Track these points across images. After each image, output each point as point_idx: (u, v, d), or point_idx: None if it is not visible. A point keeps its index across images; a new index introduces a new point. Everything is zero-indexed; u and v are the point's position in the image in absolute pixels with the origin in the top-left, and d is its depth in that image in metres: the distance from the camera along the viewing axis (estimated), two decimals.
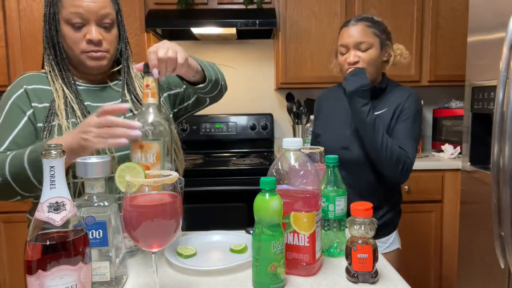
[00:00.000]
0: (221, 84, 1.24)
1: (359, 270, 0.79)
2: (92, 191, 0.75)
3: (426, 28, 2.55)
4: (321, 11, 2.54)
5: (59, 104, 1.05)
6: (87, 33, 1.05)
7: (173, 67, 0.96)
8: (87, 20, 1.04)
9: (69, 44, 1.07)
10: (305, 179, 0.82)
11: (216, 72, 1.21)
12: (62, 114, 1.04)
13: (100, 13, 1.05)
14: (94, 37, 1.04)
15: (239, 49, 2.93)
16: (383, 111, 1.43)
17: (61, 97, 1.06)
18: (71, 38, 1.06)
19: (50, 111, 1.05)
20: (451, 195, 2.35)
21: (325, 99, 1.60)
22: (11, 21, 2.39)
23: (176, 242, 0.98)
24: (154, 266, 0.70)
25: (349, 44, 1.42)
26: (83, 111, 1.07)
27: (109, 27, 1.08)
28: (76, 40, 1.05)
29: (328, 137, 1.49)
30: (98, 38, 1.05)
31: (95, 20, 1.05)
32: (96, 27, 1.06)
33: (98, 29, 1.06)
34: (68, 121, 1.04)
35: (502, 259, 1.57)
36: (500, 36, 1.59)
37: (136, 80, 1.19)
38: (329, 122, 1.52)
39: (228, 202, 2.22)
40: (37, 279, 0.58)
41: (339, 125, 1.48)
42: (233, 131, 2.80)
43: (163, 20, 2.46)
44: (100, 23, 1.06)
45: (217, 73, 1.22)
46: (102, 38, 1.06)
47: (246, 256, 0.91)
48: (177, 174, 0.67)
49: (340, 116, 1.49)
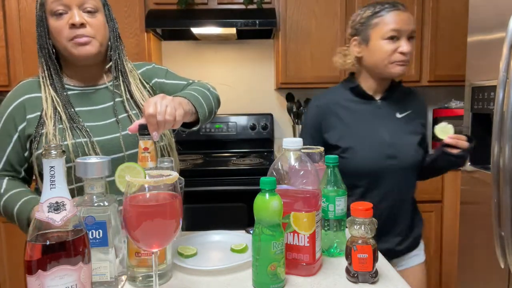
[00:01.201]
0: (214, 111, 1.20)
1: (359, 270, 0.79)
2: (92, 191, 0.75)
3: (426, 28, 2.55)
4: (321, 11, 2.54)
5: (46, 112, 1.06)
6: (70, 18, 1.04)
7: (172, 125, 0.92)
8: (68, 6, 1.04)
9: (55, 36, 1.06)
10: (305, 179, 0.82)
11: (209, 104, 1.15)
12: (49, 122, 1.04)
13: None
14: (76, 21, 1.03)
15: (239, 49, 2.93)
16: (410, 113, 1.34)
17: (49, 104, 1.06)
18: (56, 28, 1.05)
19: (40, 120, 1.06)
20: (451, 195, 2.35)
21: (335, 106, 1.33)
22: (11, 21, 2.39)
23: (176, 242, 0.98)
24: (154, 266, 0.70)
25: (404, 30, 1.22)
26: (72, 116, 1.07)
27: (92, 11, 1.07)
28: (60, 28, 1.04)
29: (367, 148, 1.26)
30: (81, 21, 1.04)
31: (77, 5, 1.04)
32: (78, 11, 1.05)
33: (80, 14, 1.05)
34: (55, 128, 1.04)
35: (502, 259, 1.57)
36: (500, 36, 1.59)
37: (130, 76, 1.17)
38: (358, 131, 1.29)
39: (228, 202, 2.22)
40: (37, 279, 0.58)
41: (373, 133, 1.28)
42: (233, 131, 2.80)
43: (163, 20, 2.46)
44: (82, 8, 1.05)
45: (211, 105, 1.16)
46: (85, 22, 1.05)
47: (246, 256, 0.91)
48: (177, 174, 0.67)
49: (368, 121, 1.30)
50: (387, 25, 1.22)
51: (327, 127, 1.32)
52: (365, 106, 1.31)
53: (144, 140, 0.82)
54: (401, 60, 1.23)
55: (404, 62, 1.24)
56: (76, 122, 1.06)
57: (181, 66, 2.90)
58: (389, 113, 1.32)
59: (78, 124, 1.06)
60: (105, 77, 1.16)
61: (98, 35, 1.08)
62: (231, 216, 2.20)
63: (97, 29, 1.07)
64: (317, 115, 1.34)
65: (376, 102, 1.32)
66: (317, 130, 1.34)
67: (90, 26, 1.06)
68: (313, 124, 1.35)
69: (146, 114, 0.87)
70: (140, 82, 1.20)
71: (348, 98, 1.33)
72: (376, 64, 1.26)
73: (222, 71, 2.94)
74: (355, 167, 1.25)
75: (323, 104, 1.35)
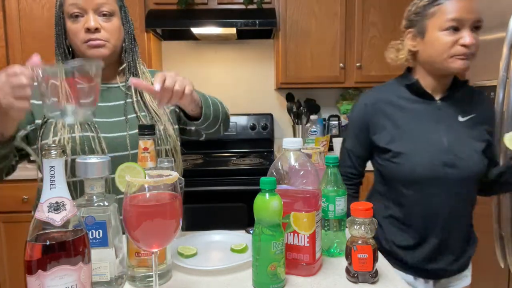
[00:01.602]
0: (220, 123, 1.24)
1: (359, 270, 0.79)
2: (92, 191, 0.75)
3: None
4: (321, 11, 2.54)
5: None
6: (85, 22, 1.07)
7: (179, 98, 0.96)
8: (84, 9, 1.06)
9: (72, 38, 1.09)
10: (305, 179, 0.82)
11: (217, 110, 1.20)
12: None
13: (96, 2, 1.07)
14: (91, 25, 1.06)
15: (239, 49, 2.93)
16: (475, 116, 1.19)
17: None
18: (72, 30, 1.08)
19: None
20: None
21: (385, 104, 1.20)
22: (11, 21, 2.39)
23: (176, 242, 0.98)
24: (154, 266, 0.70)
25: (466, 19, 1.07)
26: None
27: (108, 15, 1.09)
28: (76, 31, 1.07)
29: (421, 154, 1.12)
30: (95, 25, 1.06)
31: (93, 9, 1.07)
32: (94, 15, 1.07)
33: (96, 18, 1.07)
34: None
35: (502, 259, 1.57)
36: (500, 36, 1.59)
37: (143, 78, 1.19)
38: (412, 134, 1.15)
39: (228, 202, 2.22)
40: (37, 279, 0.58)
41: (430, 136, 1.14)
42: (233, 131, 2.80)
43: (163, 20, 2.46)
44: (98, 12, 1.08)
45: (218, 111, 1.21)
46: (99, 27, 1.07)
47: (246, 256, 0.91)
48: (177, 174, 0.67)
49: (425, 123, 1.16)
50: (446, 14, 1.07)
51: (376, 128, 1.19)
52: (422, 106, 1.17)
53: (144, 140, 0.82)
54: (463, 54, 1.08)
55: (466, 56, 1.08)
56: None
57: (181, 66, 2.90)
58: (449, 115, 1.16)
59: None
60: (118, 78, 1.19)
61: (112, 38, 1.10)
62: (231, 216, 2.20)
63: (111, 33, 1.10)
64: (365, 114, 1.22)
65: (436, 102, 1.17)
66: (363, 130, 1.22)
67: (105, 30, 1.09)
68: (359, 123, 1.23)
69: (156, 76, 0.93)
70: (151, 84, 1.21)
71: (402, 96, 1.19)
72: (434, 59, 1.12)
73: (222, 71, 2.94)
74: (407, 174, 1.13)
75: (372, 102, 1.21)
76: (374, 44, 2.57)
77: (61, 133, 1.05)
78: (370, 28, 2.56)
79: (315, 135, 2.55)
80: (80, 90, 0.81)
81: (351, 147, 1.27)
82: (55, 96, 0.79)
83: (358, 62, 2.57)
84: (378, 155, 1.20)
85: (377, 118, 1.19)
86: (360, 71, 2.58)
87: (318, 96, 2.91)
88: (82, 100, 0.82)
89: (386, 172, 1.19)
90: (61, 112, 0.80)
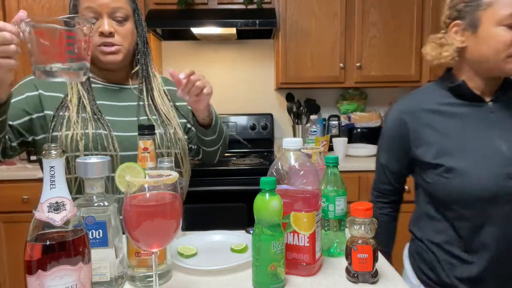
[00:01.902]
0: (221, 144, 1.27)
1: (359, 270, 0.79)
2: (92, 191, 0.75)
3: (426, 28, 2.55)
4: (321, 11, 2.54)
5: (72, 99, 1.08)
6: (100, 26, 1.07)
7: (197, 92, 1.04)
8: (99, 13, 1.07)
9: None
10: (305, 179, 0.82)
11: (222, 129, 1.26)
12: (73, 108, 1.07)
13: (111, 6, 1.07)
14: (105, 29, 1.07)
15: (239, 49, 2.94)
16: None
17: (74, 92, 1.09)
18: None
19: (62, 104, 1.08)
20: None
21: (424, 112, 1.05)
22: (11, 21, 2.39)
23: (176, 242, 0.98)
24: (154, 266, 0.70)
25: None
26: (96, 108, 1.09)
27: (122, 21, 1.10)
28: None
29: (479, 166, 0.96)
30: (109, 30, 1.07)
31: (108, 14, 1.08)
32: (108, 20, 1.08)
33: (110, 22, 1.08)
34: (78, 116, 1.07)
35: None
36: None
37: (154, 82, 1.21)
38: (465, 144, 1.00)
39: (228, 202, 2.22)
40: (37, 279, 0.58)
41: (486, 145, 0.98)
42: (233, 131, 2.80)
43: (163, 20, 2.46)
44: (113, 16, 1.08)
45: (223, 130, 1.27)
46: (114, 31, 1.08)
47: (246, 256, 0.91)
48: (177, 174, 0.67)
49: (478, 130, 1.00)
50: (507, 7, 0.91)
51: (418, 140, 1.04)
52: (471, 110, 1.02)
53: (144, 140, 0.82)
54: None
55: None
56: (98, 114, 1.09)
57: (181, 66, 2.90)
58: (504, 118, 1.01)
59: (100, 116, 1.09)
60: (130, 80, 1.20)
61: (125, 43, 1.11)
62: (231, 216, 2.20)
63: (124, 37, 1.11)
64: (401, 124, 1.07)
65: (487, 105, 1.02)
66: (401, 144, 1.08)
67: (119, 35, 1.10)
68: (395, 136, 1.09)
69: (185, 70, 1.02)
70: (162, 89, 1.23)
71: (445, 102, 1.04)
72: (487, 58, 0.97)
73: (222, 71, 2.94)
74: (465, 191, 0.96)
75: (409, 109, 1.07)
76: (374, 44, 2.57)
77: (74, 128, 1.05)
78: (370, 28, 2.56)
79: (315, 135, 2.55)
80: (70, 47, 0.77)
81: (386, 162, 1.14)
82: (44, 54, 0.74)
83: (358, 62, 2.57)
84: (424, 172, 1.04)
85: (417, 128, 1.04)
86: (360, 71, 2.58)
87: (318, 96, 2.91)
88: (73, 58, 0.77)
89: (437, 191, 1.03)
90: (51, 70, 0.75)
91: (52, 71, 0.76)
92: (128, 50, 1.13)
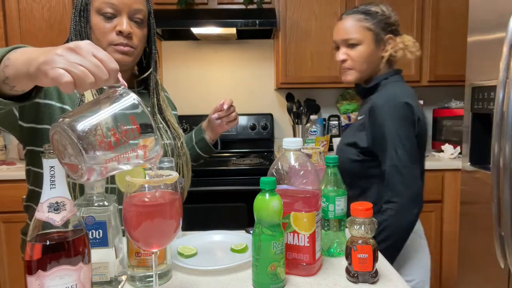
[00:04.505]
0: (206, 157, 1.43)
1: (359, 270, 0.79)
2: (92, 191, 0.75)
3: (426, 28, 2.55)
4: (321, 11, 2.54)
5: (88, 99, 1.03)
6: (118, 24, 1.03)
7: (231, 123, 1.28)
8: (119, 11, 1.03)
9: (97, 36, 1.04)
10: (305, 179, 0.82)
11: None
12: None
13: (133, 7, 1.03)
14: (124, 29, 1.02)
15: (239, 49, 2.93)
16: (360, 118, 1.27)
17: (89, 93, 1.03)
18: (101, 29, 1.03)
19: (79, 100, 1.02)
20: (451, 195, 2.35)
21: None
22: (11, 21, 2.39)
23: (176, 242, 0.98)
24: (154, 266, 0.70)
25: (337, 41, 1.31)
26: None
27: (140, 23, 1.07)
28: (106, 31, 1.03)
29: None
30: (129, 30, 1.03)
31: (128, 13, 1.03)
32: (128, 19, 1.04)
33: (129, 22, 1.04)
34: None
35: (502, 259, 1.57)
36: (500, 36, 1.59)
37: (160, 88, 1.21)
38: None
39: (228, 202, 2.22)
40: (37, 279, 0.58)
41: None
42: (233, 131, 2.80)
43: (163, 20, 2.46)
44: (132, 17, 1.05)
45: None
46: (132, 32, 1.04)
47: (246, 256, 0.91)
48: (177, 174, 0.67)
49: None
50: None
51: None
52: None
53: (144, 138, 0.82)
54: None
55: None
56: None
57: (181, 66, 2.90)
58: None
59: None
60: (135, 83, 1.18)
61: (139, 46, 1.09)
62: (231, 216, 2.20)
63: (140, 40, 1.08)
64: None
65: None
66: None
67: (135, 36, 1.06)
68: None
69: (227, 101, 1.24)
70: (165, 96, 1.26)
71: None
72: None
73: (222, 71, 2.94)
74: None
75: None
76: None
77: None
78: None
79: (315, 135, 2.56)
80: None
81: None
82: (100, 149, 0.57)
83: None
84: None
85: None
86: None
87: (318, 96, 2.91)
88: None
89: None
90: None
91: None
92: (139, 54, 1.10)
